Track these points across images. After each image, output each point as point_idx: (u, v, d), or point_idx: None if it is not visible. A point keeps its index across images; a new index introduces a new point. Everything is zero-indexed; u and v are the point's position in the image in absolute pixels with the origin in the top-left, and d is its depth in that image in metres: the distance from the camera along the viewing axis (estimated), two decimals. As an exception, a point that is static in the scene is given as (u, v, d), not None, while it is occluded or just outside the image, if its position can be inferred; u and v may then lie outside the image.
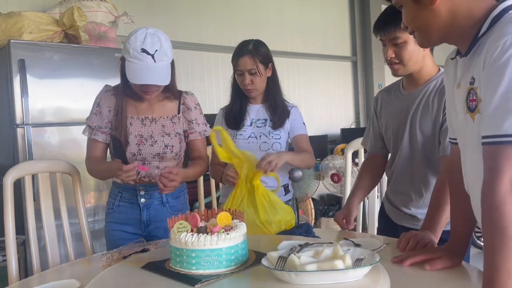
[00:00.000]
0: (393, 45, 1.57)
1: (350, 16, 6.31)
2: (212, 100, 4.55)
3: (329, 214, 4.85)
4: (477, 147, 0.98)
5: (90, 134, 1.80)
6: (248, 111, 2.02)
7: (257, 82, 1.94)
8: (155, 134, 1.79)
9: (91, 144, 1.82)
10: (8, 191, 1.63)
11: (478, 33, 1.00)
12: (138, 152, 1.77)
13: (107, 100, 1.79)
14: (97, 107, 1.80)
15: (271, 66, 1.99)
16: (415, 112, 1.63)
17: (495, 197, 0.89)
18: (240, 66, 1.93)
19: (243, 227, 1.20)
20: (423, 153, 1.63)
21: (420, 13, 1.04)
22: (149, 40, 1.62)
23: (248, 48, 1.92)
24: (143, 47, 1.61)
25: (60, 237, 1.79)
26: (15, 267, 1.58)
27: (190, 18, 4.55)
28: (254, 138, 1.98)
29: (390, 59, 1.60)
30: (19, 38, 2.86)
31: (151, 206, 1.81)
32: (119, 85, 1.81)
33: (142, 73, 1.63)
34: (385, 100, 1.79)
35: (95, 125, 1.78)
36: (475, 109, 0.99)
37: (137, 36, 1.63)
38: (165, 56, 1.66)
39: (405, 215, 1.70)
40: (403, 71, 1.62)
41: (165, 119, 1.82)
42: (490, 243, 0.90)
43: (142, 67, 1.62)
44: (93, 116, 1.79)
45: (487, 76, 0.93)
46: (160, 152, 1.79)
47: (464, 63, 1.06)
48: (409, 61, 1.58)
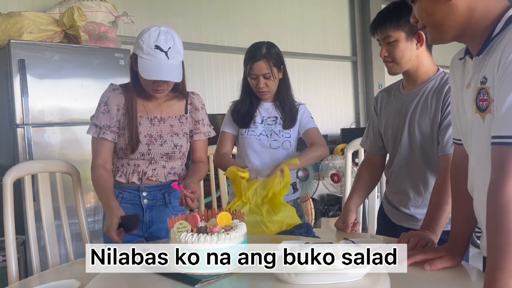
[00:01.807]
0: (386, 44, 1.60)
1: (350, 16, 6.31)
2: (212, 100, 4.55)
3: (329, 214, 4.85)
4: (485, 147, 0.97)
5: (97, 134, 1.74)
6: (259, 109, 2.05)
7: (271, 85, 1.97)
8: (164, 134, 1.78)
9: (98, 144, 1.76)
10: (8, 191, 1.63)
11: (492, 32, 0.99)
12: (147, 152, 1.76)
13: (115, 99, 1.76)
14: (105, 105, 1.75)
15: (283, 68, 2.01)
16: (414, 111, 1.63)
17: (502, 197, 0.89)
18: (255, 71, 1.94)
19: (243, 227, 1.20)
20: (421, 152, 1.63)
21: (437, 8, 1.02)
22: (163, 37, 1.62)
23: (262, 52, 1.93)
24: (157, 44, 1.60)
25: (60, 237, 1.79)
26: (15, 267, 1.58)
27: (190, 18, 4.55)
28: (265, 136, 2.00)
29: (384, 57, 1.63)
30: (19, 38, 2.86)
31: (154, 207, 1.80)
32: (127, 84, 1.79)
33: (156, 69, 1.62)
34: (384, 100, 1.79)
35: (104, 124, 1.74)
36: (486, 109, 0.98)
37: (151, 33, 1.63)
38: (178, 54, 1.65)
39: (404, 215, 1.70)
40: (397, 69, 1.63)
41: (173, 118, 1.81)
42: (494, 243, 0.90)
43: (155, 63, 1.61)
44: (100, 115, 1.75)
45: (502, 77, 0.92)
46: (169, 152, 1.78)
47: (475, 63, 1.04)
48: (401, 59, 1.60)
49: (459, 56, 1.16)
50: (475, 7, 1.00)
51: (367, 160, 1.88)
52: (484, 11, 1.00)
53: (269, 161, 1.96)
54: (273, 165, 1.80)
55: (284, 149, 2.00)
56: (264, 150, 1.99)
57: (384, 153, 1.83)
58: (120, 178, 1.79)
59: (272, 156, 1.98)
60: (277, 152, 1.99)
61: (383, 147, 1.81)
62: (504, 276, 0.86)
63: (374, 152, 1.85)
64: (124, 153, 1.76)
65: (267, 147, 1.99)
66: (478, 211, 1.11)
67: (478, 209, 1.11)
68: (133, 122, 1.73)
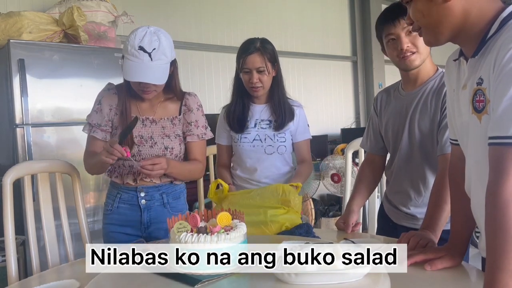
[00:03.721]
0: (408, 33, 1.53)
1: (350, 16, 6.31)
2: (212, 100, 4.55)
3: (329, 214, 4.85)
4: (481, 147, 0.97)
5: (89, 131, 1.78)
6: (252, 111, 1.99)
7: (265, 80, 1.91)
8: (155, 136, 1.77)
9: (89, 141, 1.80)
10: (8, 191, 1.63)
11: (487, 34, 0.99)
12: (138, 153, 1.76)
13: (108, 99, 1.77)
14: (98, 104, 1.78)
15: (277, 65, 1.97)
16: (414, 112, 1.63)
17: (500, 198, 0.89)
18: (248, 64, 1.89)
19: (243, 227, 1.20)
20: (421, 152, 1.63)
21: (433, 9, 1.02)
22: (148, 38, 1.61)
23: (256, 46, 1.90)
24: (141, 45, 1.60)
25: (60, 237, 1.79)
26: (15, 267, 1.58)
27: (190, 18, 4.55)
28: (259, 141, 1.96)
29: (407, 48, 1.56)
30: (18, 38, 2.86)
31: (152, 207, 1.80)
32: (122, 84, 1.79)
33: (137, 71, 1.61)
34: (384, 101, 1.79)
35: (95, 122, 1.76)
36: (482, 110, 0.98)
37: (137, 34, 1.62)
38: (163, 55, 1.64)
39: (404, 215, 1.70)
40: (419, 60, 1.59)
41: (165, 120, 1.80)
42: (493, 244, 0.89)
43: (138, 64, 1.61)
44: (93, 114, 1.78)
45: (498, 78, 0.92)
46: (160, 153, 1.76)
47: (471, 64, 1.05)
48: (425, 48, 1.57)
49: (453, 57, 1.16)
50: (470, 8, 1.00)
51: (368, 160, 1.88)
52: (479, 12, 1.00)
53: (264, 167, 1.94)
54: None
55: (279, 153, 1.96)
56: (259, 156, 1.95)
57: (384, 153, 1.83)
58: (116, 178, 1.79)
59: (268, 162, 1.95)
60: (272, 158, 1.95)
61: (384, 148, 1.81)
62: (503, 276, 0.86)
63: (374, 152, 1.85)
64: None
65: (262, 153, 1.95)
66: (476, 212, 1.11)
67: (476, 210, 1.11)
68: (126, 122, 1.73)
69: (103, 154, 1.58)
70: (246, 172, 1.98)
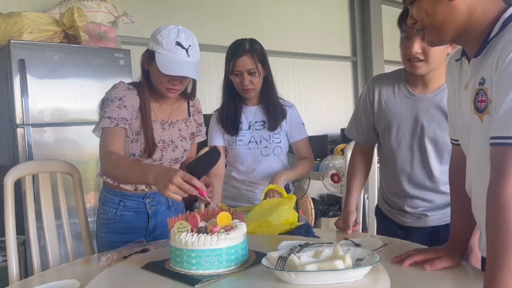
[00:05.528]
0: (421, 39, 1.33)
1: (350, 16, 6.31)
2: (212, 100, 4.52)
3: (329, 214, 4.85)
4: (482, 147, 0.98)
5: (113, 124, 1.56)
6: (244, 113, 1.99)
7: (256, 81, 1.90)
8: (174, 139, 1.72)
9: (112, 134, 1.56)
10: (9, 191, 1.63)
11: (490, 34, 0.99)
12: (160, 158, 1.69)
13: (132, 99, 1.64)
14: (120, 101, 1.60)
15: (267, 66, 1.94)
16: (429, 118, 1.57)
17: (501, 197, 0.89)
18: (239, 67, 1.87)
19: (243, 227, 1.20)
20: (426, 156, 1.61)
21: (438, 8, 1.02)
22: (183, 35, 1.56)
23: (246, 48, 1.87)
24: (178, 40, 1.54)
25: (60, 237, 1.79)
26: (15, 267, 1.58)
27: (190, 18, 4.55)
28: (255, 143, 1.95)
29: (415, 55, 1.47)
30: (19, 38, 2.86)
31: (158, 212, 1.77)
32: (139, 84, 1.69)
33: (177, 65, 1.54)
34: (385, 97, 1.68)
35: (122, 116, 1.57)
36: (484, 110, 0.99)
37: (170, 30, 1.56)
38: (197, 53, 1.59)
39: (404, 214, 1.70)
40: (425, 70, 1.51)
41: (180, 122, 1.76)
42: (493, 243, 0.90)
43: (176, 59, 1.54)
44: (115, 109, 1.58)
45: (500, 78, 0.93)
46: (179, 157, 1.73)
47: (473, 64, 1.05)
48: (435, 59, 1.48)
49: (455, 57, 1.16)
50: (474, 8, 1.00)
51: (358, 151, 1.82)
52: (482, 12, 1.00)
53: (261, 169, 1.94)
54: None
55: (275, 155, 1.96)
56: (255, 158, 1.95)
57: (375, 142, 1.79)
58: (125, 185, 1.70)
59: (264, 164, 1.95)
60: (268, 159, 1.95)
61: (375, 139, 1.76)
62: (503, 276, 0.87)
63: (367, 144, 1.81)
64: (134, 159, 1.67)
65: (258, 155, 1.94)
66: (477, 212, 1.12)
67: (477, 210, 1.11)
68: (148, 126, 1.65)
69: (170, 189, 1.25)
70: (242, 174, 1.99)
